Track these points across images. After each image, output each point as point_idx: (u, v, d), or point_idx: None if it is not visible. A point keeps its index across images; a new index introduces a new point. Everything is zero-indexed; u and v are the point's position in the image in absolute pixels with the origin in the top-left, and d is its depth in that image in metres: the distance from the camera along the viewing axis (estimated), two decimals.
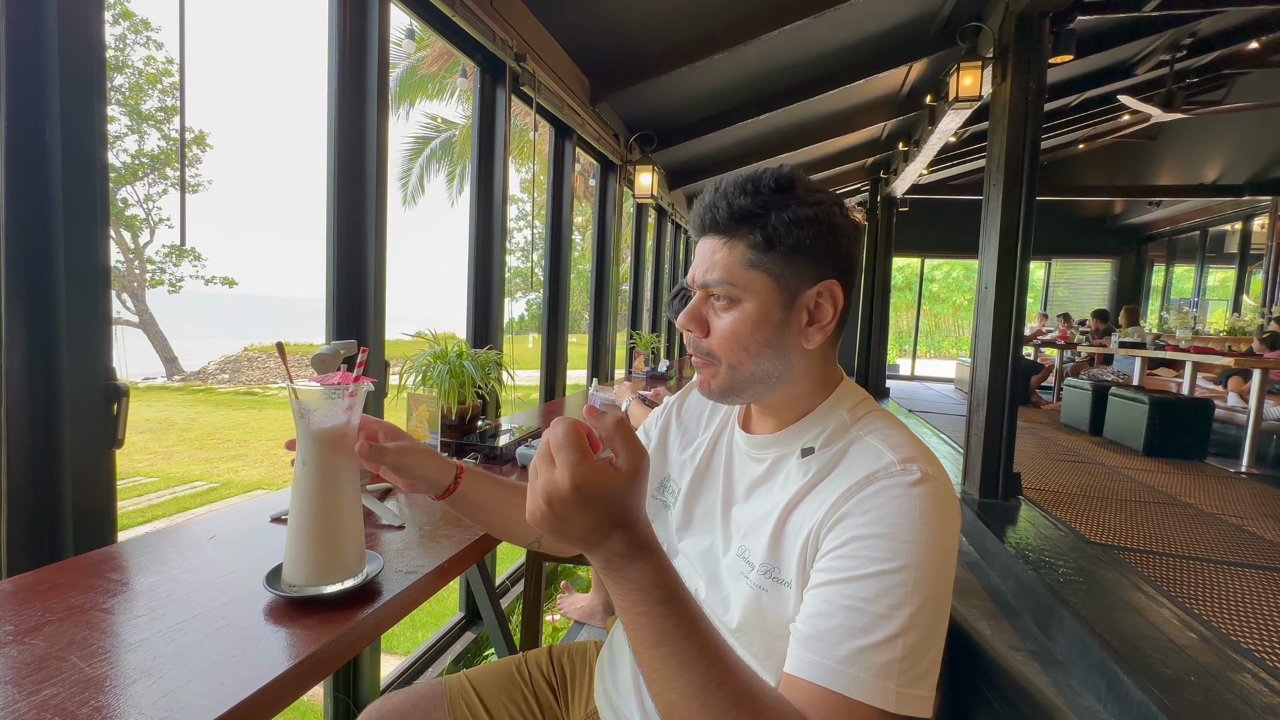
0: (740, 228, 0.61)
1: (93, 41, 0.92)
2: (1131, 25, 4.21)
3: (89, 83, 0.92)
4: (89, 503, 0.92)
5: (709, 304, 0.65)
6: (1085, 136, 7.78)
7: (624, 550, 0.47)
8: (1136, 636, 1.83)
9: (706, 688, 0.44)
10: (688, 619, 0.46)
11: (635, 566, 0.47)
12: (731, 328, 0.62)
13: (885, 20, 3.42)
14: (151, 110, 12.39)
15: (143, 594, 0.69)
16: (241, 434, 7.76)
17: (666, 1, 2.61)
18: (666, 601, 0.46)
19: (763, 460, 0.68)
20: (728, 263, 0.62)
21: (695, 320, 0.65)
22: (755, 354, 0.62)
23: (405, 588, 0.75)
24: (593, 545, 0.47)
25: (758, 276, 0.61)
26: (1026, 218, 3.01)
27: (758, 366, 0.63)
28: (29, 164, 0.87)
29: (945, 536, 0.54)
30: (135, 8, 12.43)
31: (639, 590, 0.46)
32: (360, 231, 1.53)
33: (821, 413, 0.65)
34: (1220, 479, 3.89)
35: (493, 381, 1.45)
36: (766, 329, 0.62)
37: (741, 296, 0.62)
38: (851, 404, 0.65)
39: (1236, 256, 7.73)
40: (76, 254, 0.90)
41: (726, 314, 0.63)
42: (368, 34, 1.54)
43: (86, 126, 0.91)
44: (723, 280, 0.62)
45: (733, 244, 0.62)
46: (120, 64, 11.80)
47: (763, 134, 4.59)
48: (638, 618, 0.46)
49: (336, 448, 0.70)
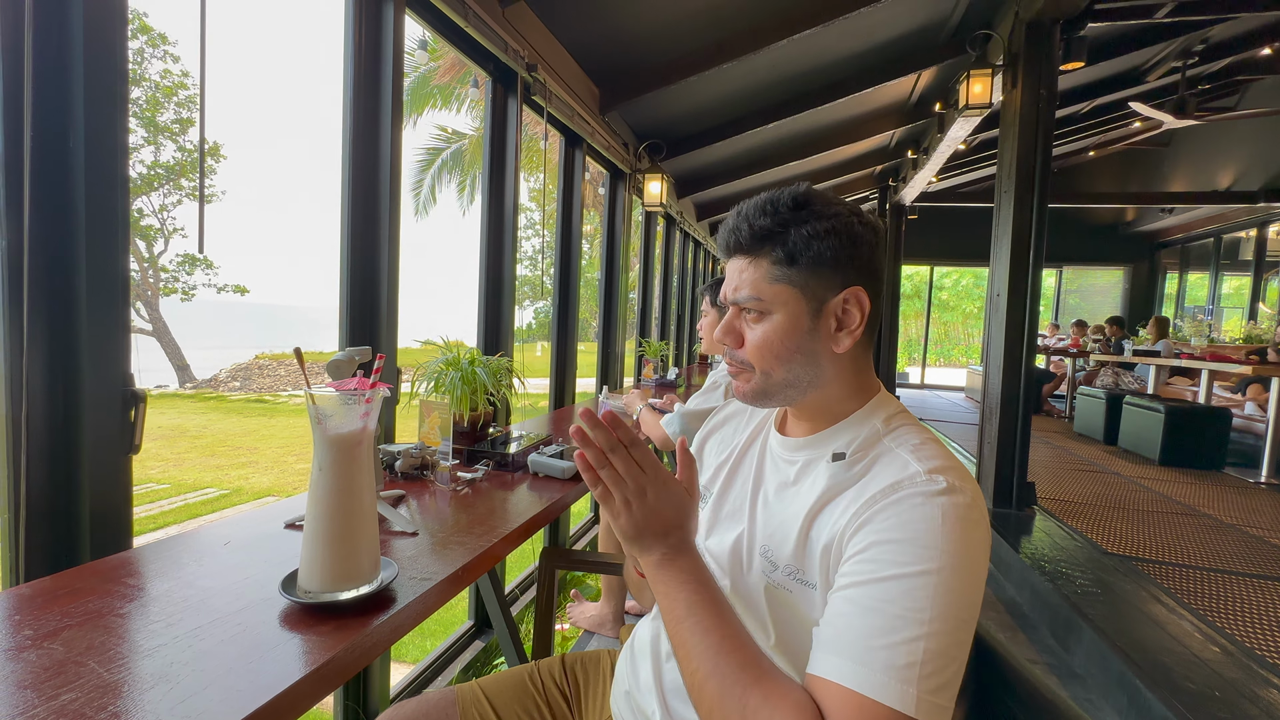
0: (763, 246, 0.65)
1: (115, 55, 0.94)
2: (1143, 32, 4.19)
3: (111, 96, 0.93)
4: (106, 508, 0.92)
5: (741, 318, 0.68)
6: (1096, 143, 7.74)
7: (680, 546, 0.61)
8: (1158, 650, 1.79)
9: (721, 650, 0.54)
10: (713, 598, 0.58)
11: (685, 558, 0.61)
12: (763, 337, 0.66)
13: (894, 28, 3.43)
14: (167, 122, 12.62)
15: (159, 599, 0.69)
16: (252, 441, 7.82)
17: (676, 11, 2.63)
18: (704, 585, 0.59)
19: (794, 462, 0.70)
20: (754, 279, 0.66)
21: (730, 334, 0.69)
22: (786, 360, 0.65)
23: (419, 595, 0.75)
24: (662, 537, 0.61)
25: (783, 289, 0.65)
26: (1039, 225, 2.99)
27: (789, 372, 0.66)
28: (53, 175, 0.89)
29: (970, 548, 0.54)
30: (154, 22, 12.67)
31: (684, 573, 0.59)
32: (373, 240, 1.55)
33: (856, 420, 0.67)
34: (1240, 489, 3.82)
35: (504, 388, 1.46)
36: (796, 336, 0.65)
37: (770, 309, 0.65)
38: (887, 415, 0.67)
39: (1251, 263, 7.63)
40: (98, 263, 0.91)
41: (758, 325, 0.66)
42: (383, 45, 1.57)
43: (109, 139, 0.93)
44: (751, 296, 0.66)
45: (757, 262, 0.66)
46: (138, 77, 12.03)
47: (771, 142, 4.60)
48: (677, 599, 0.58)
49: (352, 453, 0.70)
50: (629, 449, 0.60)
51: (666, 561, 0.60)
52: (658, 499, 0.60)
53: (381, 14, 1.57)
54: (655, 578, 0.61)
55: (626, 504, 0.60)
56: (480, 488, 1.25)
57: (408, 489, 1.20)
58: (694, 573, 0.60)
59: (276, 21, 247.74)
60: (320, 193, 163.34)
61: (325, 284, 17.85)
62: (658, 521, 0.60)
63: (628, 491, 0.60)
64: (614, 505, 0.61)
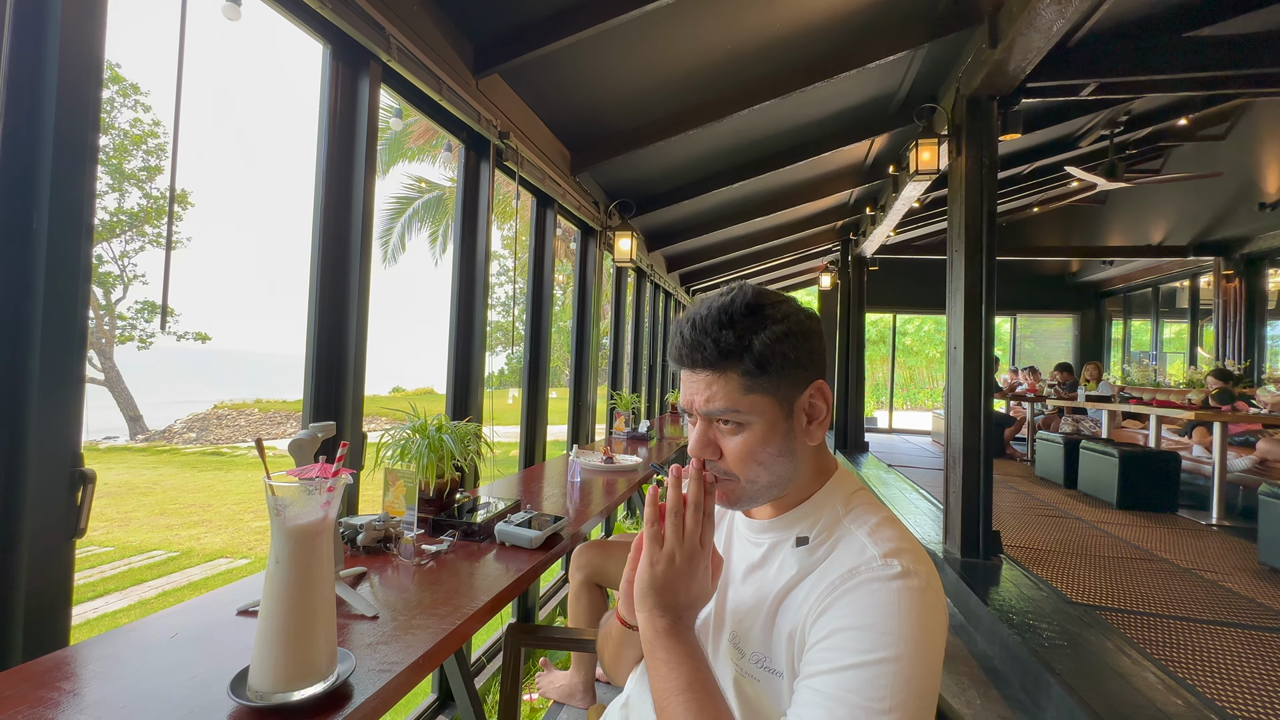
0: (729, 360, 0.65)
1: (88, 106, 0.94)
2: (1071, 106, 4.57)
3: (81, 149, 0.93)
4: (43, 600, 0.88)
5: (714, 429, 0.68)
6: (1039, 201, 8.27)
7: (690, 622, 0.64)
8: (1124, 704, 1.81)
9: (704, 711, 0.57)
10: (713, 682, 0.61)
11: (692, 634, 0.64)
12: (744, 448, 0.66)
13: (848, 99, 3.67)
14: (134, 170, 12.48)
15: (95, 707, 0.65)
16: (206, 497, 7.45)
17: (643, 83, 2.77)
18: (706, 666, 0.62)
19: (760, 545, 0.71)
20: (726, 392, 0.65)
21: (709, 447, 0.68)
22: (770, 465, 0.66)
23: (378, 689, 0.73)
24: (682, 606, 0.64)
25: (758, 399, 0.65)
26: (989, 280, 3.16)
27: (772, 474, 0.67)
28: (14, 223, 0.88)
29: (927, 634, 0.55)
30: (126, 72, 12.70)
31: (691, 647, 0.62)
32: (341, 317, 1.55)
33: (817, 501, 0.69)
34: (1193, 532, 3.94)
35: (472, 454, 1.45)
36: (775, 440, 0.66)
37: (747, 420, 0.65)
38: (845, 494, 0.69)
39: (1188, 311, 8.12)
40: (52, 342, 0.90)
41: (735, 436, 0.66)
42: (357, 117, 1.61)
43: (74, 204, 0.92)
44: (728, 408, 0.65)
45: (726, 376, 0.65)
46: (107, 125, 11.95)
47: (737, 200, 4.79)
48: (680, 670, 0.60)
49: (312, 544, 0.69)
50: (705, 518, 0.64)
51: (677, 631, 0.62)
52: (696, 572, 0.63)
53: (357, 87, 1.62)
54: (660, 644, 0.62)
55: (670, 558, 0.63)
56: (445, 560, 1.22)
57: (370, 564, 1.17)
58: (699, 650, 0.62)
59: (251, 79, 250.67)
60: (289, 238, 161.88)
61: (290, 331, 17.15)
62: (685, 590, 0.63)
63: (679, 549, 0.63)
64: (658, 552, 0.63)
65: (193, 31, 1.12)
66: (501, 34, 2.10)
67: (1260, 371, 6.32)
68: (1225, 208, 6.74)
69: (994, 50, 2.82)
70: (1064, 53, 3.17)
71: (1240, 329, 6.59)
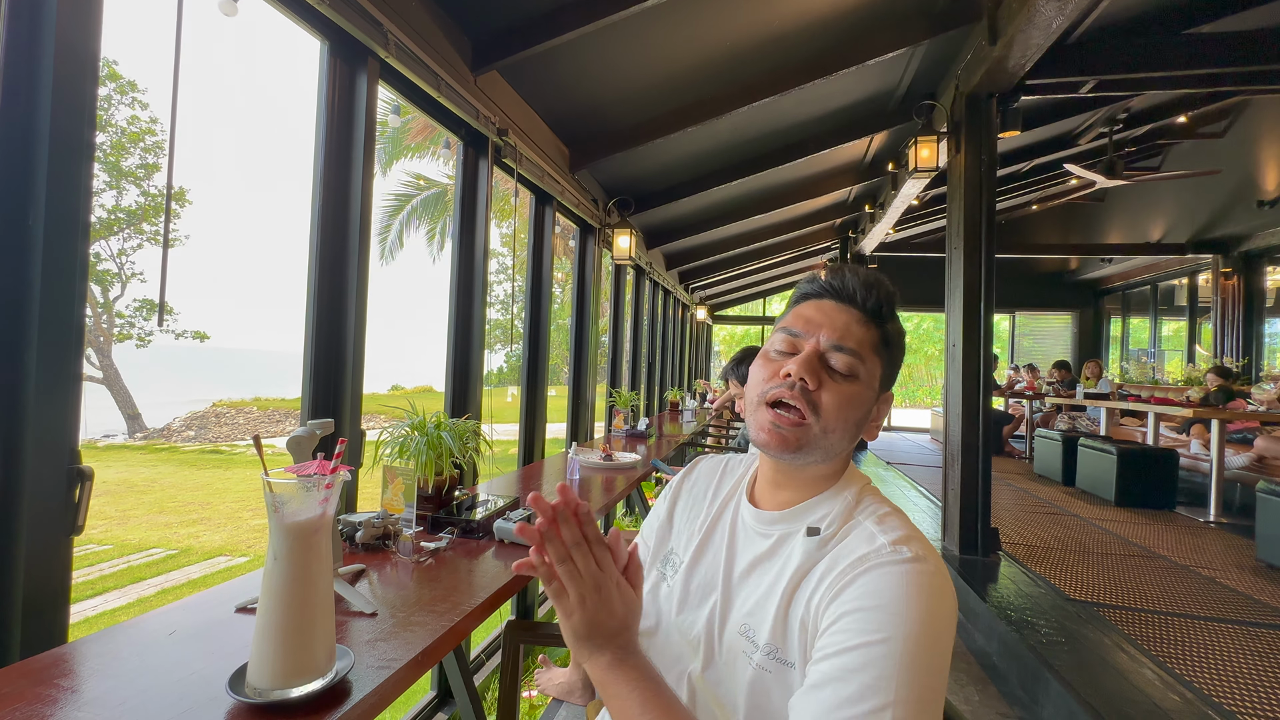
0: (874, 319, 0.68)
1: (85, 104, 0.94)
2: (1071, 103, 4.56)
3: (77, 147, 0.93)
4: (42, 597, 0.88)
5: (821, 365, 0.67)
6: (1038, 199, 8.26)
7: (629, 646, 0.60)
8: (1122, 701, 1.81)
9: None
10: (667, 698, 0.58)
11: (636, 657, 0.60)
12: (845, 398, 0.66)
13: (847, 97, 3.67)
14: (131, 168, 12.45)
15: (93, 704, 0.65)
16: (205, 495, 7.44)
17: (642, 81, 2.77)
18: (657, 684, 0.59)
19: (768, 536, 0.70)
20: (863, 340, 0.67)
21: (814, 373, 0.65)
22: (846, 427, 0.67)
23: (376, 685, 0.73)
24: (613, 637, 0.59)
25: (874, 367, 0.68)
26: (987, 278, 3.16)
27: (839, 439, 0.67)
28: (11, 219, 0.88)
29: (935, 618, 0.55)
30: (123, 69, 12.66)
31: (636, 672, 0.59)
32: (340, 315, 1.55)
33: (830, 495, 0.69)
34: (1190, 529, 3.95)
35: (471, 452, 1.44)
36: (861, 410, 0.67)
37: (860, 374, 0.66)
38: (857, 489, 0.70)
39: (1186, 309, 8.13)
40: (49, 340, 0.90)
41: (842, 384, 0.66)
42: (355, 112, 1.60)
43: (71, 201, 0.92)
44: (856, 351, 0.66)
45: (869, 327, 0.68)
46: (104, 123, 11.92)
47: (736, 197, 4.79)
48: (630, 699, 0.57)
49: (310, 541, 0.68)
50: (592, 546, 0.58)
51: (618, 663, 0.59)
52: (610, 598, 0.58)
53: (355, 84, 1.62)
54: (607, 679, 0.59)
55: (582, 601, 0.58)
56: (444, 557, 1.22)
57: (368, 561, 1.17)
58: (645, 671, 0.59)
59: (248, 76, 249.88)
60: (288, 241, 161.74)
61: (289, 328, 17.21)
62: (611, 620, 0.58)
63: (584, 588, 0.58)
64: (568, 603, 0.58)
65: (190, 28, 1.12)
66: (500, 30, 2.09)
67: (1258, 369, 6.34)
68: (1224, 205, 6.75)
69: (993, 47, 2.82)
70: (1063, 50, 3.17)
71: (1238, 326, 6.60)
